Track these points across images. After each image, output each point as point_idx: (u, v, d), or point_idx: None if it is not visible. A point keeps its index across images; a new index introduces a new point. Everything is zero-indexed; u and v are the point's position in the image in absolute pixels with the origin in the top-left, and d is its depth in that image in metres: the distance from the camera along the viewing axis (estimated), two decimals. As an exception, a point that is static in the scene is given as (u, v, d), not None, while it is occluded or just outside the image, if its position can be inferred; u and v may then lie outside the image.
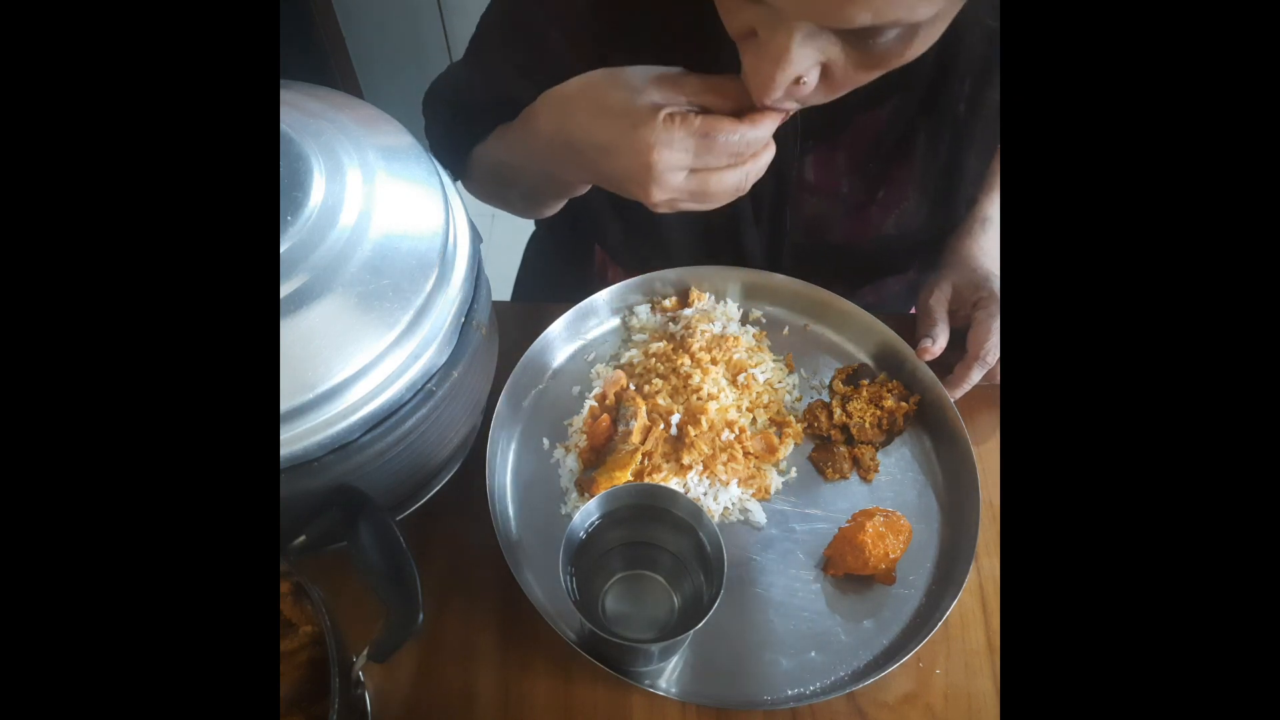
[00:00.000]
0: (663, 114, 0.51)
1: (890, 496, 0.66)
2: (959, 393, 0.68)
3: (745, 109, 0.51)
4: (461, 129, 0.72)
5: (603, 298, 0.72)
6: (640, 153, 0.51)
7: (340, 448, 0.46)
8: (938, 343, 0.68)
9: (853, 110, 0.67)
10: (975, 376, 0.67)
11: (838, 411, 0.68)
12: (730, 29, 0.49)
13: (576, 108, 0.56)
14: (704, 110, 0.52)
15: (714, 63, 0.53)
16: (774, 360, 0.72)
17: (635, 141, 0.52)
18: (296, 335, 0.43)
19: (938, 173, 0.72)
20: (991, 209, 0.76)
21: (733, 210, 0.68)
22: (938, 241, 0.80)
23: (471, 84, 0.72)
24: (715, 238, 0.75)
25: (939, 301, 0.70)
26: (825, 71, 0.48)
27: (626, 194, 0.56)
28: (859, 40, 0.46)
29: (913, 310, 0.97)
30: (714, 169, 0.53)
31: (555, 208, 0.77)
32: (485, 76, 0.70)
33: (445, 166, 0.73)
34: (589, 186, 0.68)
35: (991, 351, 0.66)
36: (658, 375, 0.68)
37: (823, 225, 0.76)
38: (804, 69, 0.47)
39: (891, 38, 0.45)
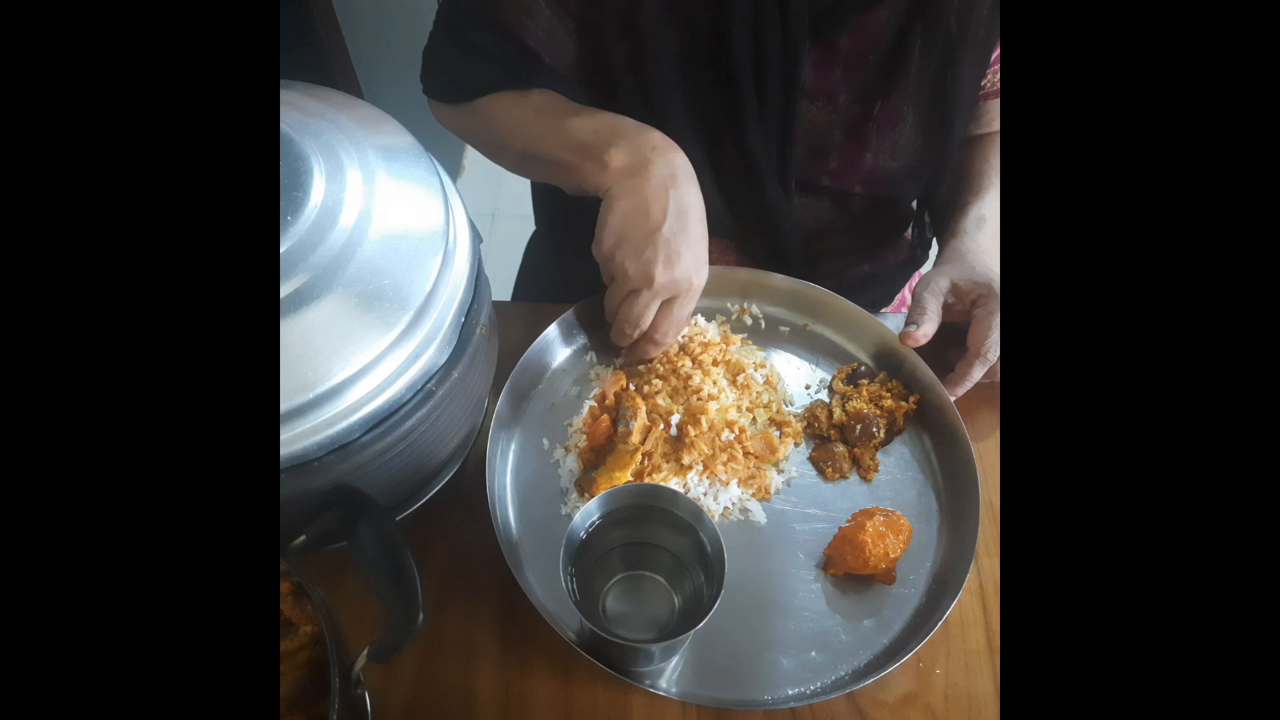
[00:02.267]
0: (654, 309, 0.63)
1: (890, 496, 0.66)
2: (960, 390, 0.67)
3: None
4: (489, 73, 0.73)
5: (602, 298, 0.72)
6: (628, 279, 0.62)
7: (340, 448, 0.46)
8: (921, 328, 0.67)
9: (850, 9, 0.67)
10: (976, 374, 0.67)
11: (838, 411, 0.68)
12: None
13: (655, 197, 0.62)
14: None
15: None
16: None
17: (634, 276, 0.62)
18: (296, 335, 0.43)
19: (931, 92, 0.72)
20: (986, 209, 0.77)
21: (738, 109, 0.71)
22: (928, 196, 0.82)
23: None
24: (721, 139, 0.75)
25: (934, 293, 0.70)
26: None
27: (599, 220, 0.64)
28: None
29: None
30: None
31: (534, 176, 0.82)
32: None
33: (441, 96, 0.78)
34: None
35: (992, 349, 0.66)
36: (658, 375, 0.69)
37: (822, 144, 0.76)
38: None
39: None
